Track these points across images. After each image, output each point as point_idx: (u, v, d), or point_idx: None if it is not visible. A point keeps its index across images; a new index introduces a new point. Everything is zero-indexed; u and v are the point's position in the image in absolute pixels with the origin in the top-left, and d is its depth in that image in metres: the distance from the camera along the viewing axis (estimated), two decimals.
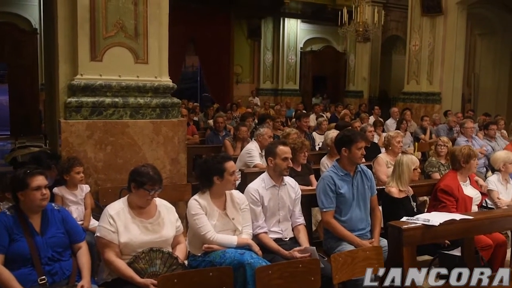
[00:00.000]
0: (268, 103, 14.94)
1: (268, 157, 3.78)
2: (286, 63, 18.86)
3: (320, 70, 18.88)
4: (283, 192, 3.77)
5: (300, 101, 17.39)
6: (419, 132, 9.83)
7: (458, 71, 12.66)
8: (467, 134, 7.63)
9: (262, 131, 5.88)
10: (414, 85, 13.16)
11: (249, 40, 18.95)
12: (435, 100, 12.62)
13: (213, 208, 3.40)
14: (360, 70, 18.54)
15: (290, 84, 19.03)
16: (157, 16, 4.68)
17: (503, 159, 4.99)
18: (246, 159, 5.72)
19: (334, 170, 3.88)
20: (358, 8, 13.86)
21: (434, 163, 5.79)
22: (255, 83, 19.20)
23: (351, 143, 3.82)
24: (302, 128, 7.43)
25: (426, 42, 12.76)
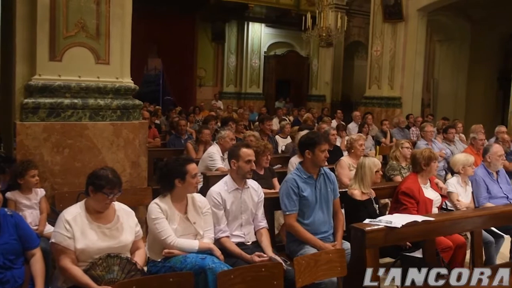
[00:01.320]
0: (231, 107, 14.92)
1: (231, 159, 3.74)
2: (250, 67, 18.87)
3: (284, 74, 18.94)
4: (245, 195, 3.73)
5: (264, 105, 17.38)
6: (380, 135, 10.01)
7: (418, 76, 12.96)
8: (427, 137, 7.82)
9: (224, 134, 5.85)
10: (376, 89, 13.38)
11: (213, 43, 18.87)
12: (395, 104, 12.86)
13: (174, 212, 3.33)
14: (323, 75, 18.72)
15: (254, 88, 19.04)
16: (120, 16, 4.58)
17: (462, 162, 5.10)
18: (208, 163, 5.66)
19: (298, 173, 3.87)
20: (322, 13, 14.02)
21: (395, 166, 5.87)
22: (218, 87, 19.12)
23: (314, 145, 3.82)
24: (265, 131, 7.44)
25: (388, 48, 13.01)
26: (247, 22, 18.58)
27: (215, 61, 19.10)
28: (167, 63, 17.12)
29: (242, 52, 18.85)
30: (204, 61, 18.54)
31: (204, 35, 18.46)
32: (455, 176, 5.20)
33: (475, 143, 7.05)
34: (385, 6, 12.81)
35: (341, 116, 12.21)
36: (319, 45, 17.62)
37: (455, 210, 4.86)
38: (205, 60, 18.64)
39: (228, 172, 3.83)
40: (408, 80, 12.77)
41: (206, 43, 18.67)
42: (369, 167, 4.33)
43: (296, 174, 3.87)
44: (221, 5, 16.46)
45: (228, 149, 4.66)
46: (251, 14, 18.01)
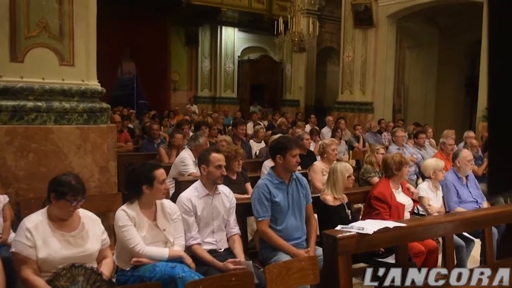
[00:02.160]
0: (206, 111, 14.77)
1: (201, 164, 3.63)
2: (224, 71, 18.80)
3: (258, 79, 18.92)
4: (217, 201, 3.63)
5: (238, 109, 17.33)
6: (353, 140, 10.03)
7: (389, 82, 13.09)
8: (398, 142, 7.86)
9: (202, 141, 5.72)
10: (348, 95, 13.47)
11: (187, 48, 18.74)
12: (367, 109, 12.96)
13: (143, 219, 3.20)
14: (297, 80, 18.79)
15: (228, 92, 18.96)
16: (84, 16, 4.40)
17: (433, 167, 5.11)
18: (180, 168, 5.55)
19: (269, 178, 3.79)
20: (294, 18, 14.03)
21: (370, 169, 5.88)
22: (193, 91, 19.00)
23: (285, 150, 3.75)
24: (239, 136, 7.36)
25: (359, 54, 13.11)
26: (220, 27, 18.52)
27: (189, 65, 18.96)
28: (140, 67, 16.92)
29: (216, 56, 18.76)
30: (178, 65, 18.39)
31: (177, 39, 18.31)
32: (426, 181, 5.20)
33: (445, 148, 7.10)
34: (355, 12, 12.92)
35: (315, 121, 12.21)
36: (292, 50, 17.63)
37: (427, 215, 4.86)
38: (179, 64, 18.49)
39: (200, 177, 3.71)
40: (380, 85, 12.88)
41: (180, 47, 18.53)
42: (341, 172, 4.28)
43: (268, 179, 3.79)
44: (193, 9, 16.36)
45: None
46: (224, 18, 17.97)
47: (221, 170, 3.58)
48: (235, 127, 7.50)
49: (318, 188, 5.15)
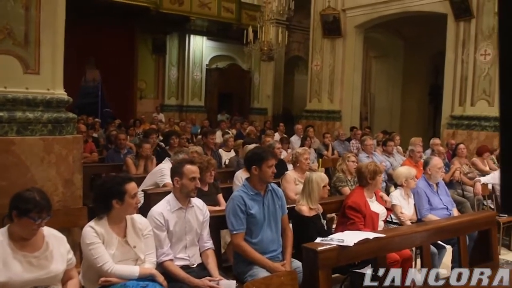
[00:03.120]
0: (173, 120, 14.61)
1: (174, 176, 3.47)
2: (192, 80, 18.65)
3: (226, 87, 18.81)
4: (190, 215, 3.48)
5: (206, 117, 17.16)
6: (322, 148, 10.03)
7: (356, 90, 13.22)
8: (367, 150, 7.87)
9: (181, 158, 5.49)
10: (316, 103, 13.52)
11: (154, 55, 18.49)
12: (335, 117, 13.03)
13: (112, 236, 3.00)
14: (265, 88, 18.79)
15: (196, 100, 18.83)
16: (51, 23, 4.16)
17: (405, 175, 5.10)
18: (157, 178, 5.40)
19: (244, 190, 3.68)
20: (263, 27, 14.02)
21: (342, 178, 5.85)
22: (159, 99, 18.77)
23: (261, 161, 3.65)
24: (209, 145, 7.22)
25: (327, 63, 13.20)
26: (188, 35, 18.38)
27: (156, 73, 18.73)
28: (105, 75, 16.57)
29: (184, 64, 18.60)
30: (144, 73, 18.14)
31: (144, 47, 18.07)
32: (398, 189, 5.19)
33: (413, 155, 7.15)
34: (324, 23, 13.01)
35: (283, 129, 12.18)
36: (260, 59, 17.65)
37: (400, 223, 4.83)
38: (146, 72, 18.24)
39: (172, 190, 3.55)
40: (347, 94, 12.99)
41: (147, 55, 18.28)
42: (317, 182, 4.21)
43: (243, 191, 3.68)
44: (162, 17, 16.17)
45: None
46: (193, 27, 17.85)
47: (195, 183, 3.44)
48: (205, 136, 7.34)
49: (291, 198, 5.07)
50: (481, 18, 9.65)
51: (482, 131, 9.51)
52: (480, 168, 7.42)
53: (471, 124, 9.75)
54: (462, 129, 9.90)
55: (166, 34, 18.29)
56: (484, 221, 3.88)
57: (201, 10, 17.10)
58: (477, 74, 9.65)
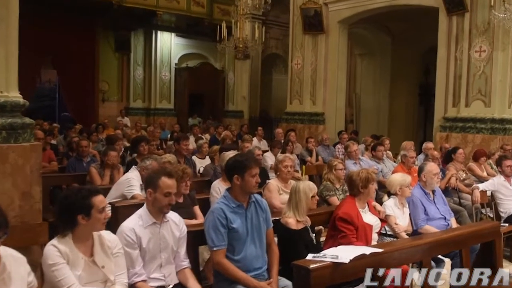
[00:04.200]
0: (139, 124, 14.56)
1: (147, 188, 3.42)
2: (159, 80, 18.64)
3: (197, 88, 18.81)
4: (165, 230, 3.44)
5: (176, 121, 17.11)
6: (305, 154, 10.05)
7: (341, 91, 13.29)
8: (353, 156, 7.91)
9: (148, 164, 5.48)
10: (297, 105, 13.55)
11: (117, 54, 18.45)
12: (318, 120, 13.07)
13: (77, 255, 2.92)
14: (240, 89, 18.83)
15: (164, 103, 18.82)
16: (4, 18, 4.05)
17: (399, 183, 5.10)
18: (125, 189, 5.32)
19: (225, 202, 3.64)
20: (238, 23, 14.00)
21: (330, 187, 5.85)
22: (124, 102, 18.72)
23: (244, 169, 3.61)
24: (182, 152, 7.15)
25: (309, 61, 13.24)
26: (155, 31, 18.36)
27: (119, 74, 18.71)
28: (63, 75, 16.43)
29: (151, 63, 18.60)
30: (107, 74, 18.09)
31: (106, 45, 17.99)
32: (392, 198, 5.18)
33: (406, 160, 7.23)
34: (305, 17, 13.07)
35: (262, 134, 12.18)
36: (235, 57, 17.68)
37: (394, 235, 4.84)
38: (109, 72, 18.20)
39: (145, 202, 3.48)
40: (331, 95, 13.05)
41: (109, 53, 18.23)
42: (304, 192, 4.18)
43: (223, 203, 3.64)
44: (125, 12, 16.06)
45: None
46: (160, 22, 17.82)
47: (170, 198, 3.40)
48: (177, 142, 7.26)
49: (277, 207, 5.07)
50: (476, 12, 9.77)
51: (478, 133, 9.63)
52: (478, 174, 7.53)
53: (466, 126, 9.87)
54: (456, 132, 10.03)
55: (130, 31, 18.21)
56: (488, 231, 3.90)
57: (168, 4, 17.09)
58: (471, 73, 9.77)
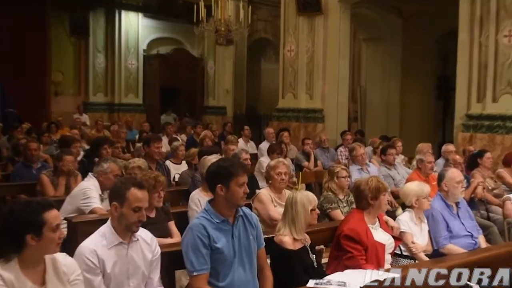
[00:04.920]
0: (101, 122, 14.52)
1: (112, 201, 3.36)
2: (125, 70, 18.70)
3: (171, 79, 18.80)
4: (134, 252, 3.41)
5: (145, 119, 17.03)
6: (302, 158, 10.04)
7: (343, 83, 13.34)
8: (358, 161, 7.88)
9: (106, 167, 5.46)
10: (291, 99, 13.57)
11: (73, 39, 18.47)
12: (317, 118, 13.11)
13: (25, 284, 2.86)
14: (222, 80, 18.85)
15: (131, 97, 18.87)
16: None
17: (415, 193, 5.09)
18: (80, 202, 5.28)
19: (207, 216, 3.63)
20: (219, 2, 13.98)
21: (331, 198, 5.82)
22: (82, 96, 18.73)
23: (229, 178, 3.61)
24: (153, 157, 7.12)
25: (304, 47, 13.25)
26: (118, 11, 18.41)
27: (76, 62, 18.78)
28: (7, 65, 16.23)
29: (114, 50, 18.66)
30: (60, 62, 18.11)
31: (60, 28, 17.99)
32: (407, 211, 5.18)
33: (423, 166, 7.21)
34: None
35: (249, 134, 12.17)
36: (215, 43, 17.65)
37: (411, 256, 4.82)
38: (63, 60, 18.25)
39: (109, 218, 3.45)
40: (331, 88, 13.08)
41: (63, 38, 18.26)
42: (303, 205, 4.16)
43: (205, 218, 3.63)
44: None
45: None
46: (124, 0, 17.72)
47: (140, 214, 3.35)
48: (147, 144, 7.19)
49: (275, 218, 5.06)
50: None
51: (507, 134, 9.63)
52: (509, 182, 7.53)
53: (494, 125, 9.87)
54: (482, 132, 10.03)
55: (88, 11, 18.23)
56: None
57: None
58: (499, 62, 9.76)
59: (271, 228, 4.88)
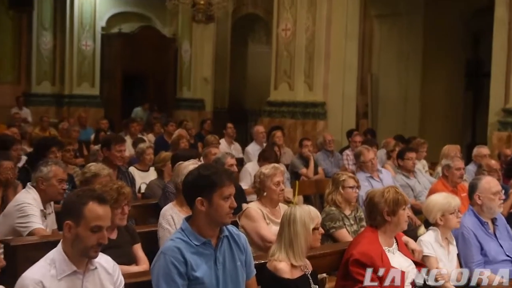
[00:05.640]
0: (47, 119, 14.51)
1: (65, 218, 3.33)
2: (78, 53, 18.72)
3: (136, 65, 18.88)
4: (91, 283, 3.41)
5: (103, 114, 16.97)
6: (298, 164, 10.04)
7: (351, 70, 13.37)
8: (368, 168, 7.85)
9: (47, 172, 5.44)
10: (286, 90, 13.56)
11: (11, 12, 18.61)
12: (317, 114, 13.11)
13: None
14: (200, 67, 18.83)
15: (85, 87, 18.91)
16: None
17: (440, 207, 5.10)
18: (15, 222, 5.23)
19: (184, 238, 3.64)
20: None
21: (336, 214, 5.82)
22: (22, 85, 18.92)
23: (212, 189, 3.62)
24: (114, 162, 7.08)
25: (303, 26, 13.24)
26: None
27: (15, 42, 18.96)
28: None
29: (64, 27, 18.70)
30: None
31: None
32: (431, 230, 5.19)
33: (450, 174, 7.21)
34: None
35: (234, 134, 12.18)
36: (192, 20, 17.58)
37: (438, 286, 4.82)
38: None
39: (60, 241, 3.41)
40: (336, 76, 13.12)
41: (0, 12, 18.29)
42: (303, 223, 4.18)
43: (181, 239, 3.64)
44: None
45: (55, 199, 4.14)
46: None
47: (100, 236, 3.33)
48: (106, 147, 7.18)
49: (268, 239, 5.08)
50: None
51: None
52: None
53: None
54: None
55: None
56: None
57: None
58: None
59: (263, 252, 4.91)
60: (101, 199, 3.44)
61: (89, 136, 12.92)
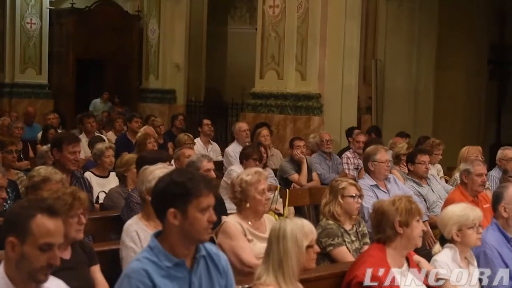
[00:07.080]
0: None
1: (8, 235, 3.31)
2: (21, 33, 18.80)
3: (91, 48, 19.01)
4: None
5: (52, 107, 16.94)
6: (289, 168, 10.07)
7: (352, 56, 13.44)
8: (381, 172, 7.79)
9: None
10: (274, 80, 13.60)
11: None
12: (312, 107, 13.15)
13: None
14: (170, 51, 18.84)
15: (30, 74, 19.03)
16: None
17: (456, 220, 5.14)
18: None
19: (152, 258, 3.63)
20: None
21: (334, 229, 5.83)
22: None
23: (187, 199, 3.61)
24: (66, 166, 7.06)
25: (295, 2, 13.26)
26: None
27: None
28: None
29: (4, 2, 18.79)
30: None
31: None
32: (447, 248, 5.22)
33: (470, 181, 7.25)
34: None
35: (211, 131, 12.21)
36: None
37: None
38: None
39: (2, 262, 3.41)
40: (334, 63, 13.18)
41: None
42: (295, 240, 4.19)
43: (149, 260, 3.63)
44: None
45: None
46: None
47: (50, 255, 3.30)
48: (57, 147, 7.16)
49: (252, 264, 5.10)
50: None
51: None
52: None
53: None
54: None
55: None
56: None
57: None
58: None
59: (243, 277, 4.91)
60: (51, 211, 3.41)
61: (35, 134, 12.92)
